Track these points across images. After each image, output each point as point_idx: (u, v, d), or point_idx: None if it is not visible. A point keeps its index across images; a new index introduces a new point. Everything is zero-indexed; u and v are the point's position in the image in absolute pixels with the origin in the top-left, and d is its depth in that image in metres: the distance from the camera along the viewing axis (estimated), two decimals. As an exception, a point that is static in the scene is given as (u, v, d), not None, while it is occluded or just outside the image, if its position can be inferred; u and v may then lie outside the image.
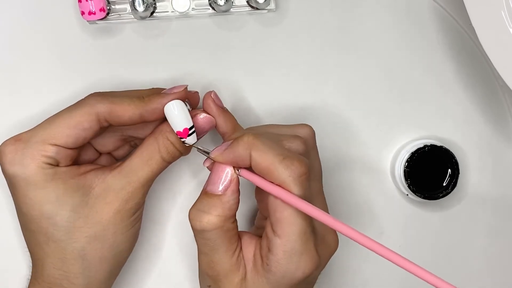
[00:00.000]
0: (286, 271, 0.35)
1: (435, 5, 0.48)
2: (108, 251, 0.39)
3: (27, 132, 0.38)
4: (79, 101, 0.39)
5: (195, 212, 0.37)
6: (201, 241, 0.37)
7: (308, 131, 0.40)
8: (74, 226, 0.38)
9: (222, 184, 0.37)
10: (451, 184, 0.46)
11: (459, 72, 0.48)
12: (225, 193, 0.37)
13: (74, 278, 0.38)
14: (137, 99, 0.38)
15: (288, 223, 0.35)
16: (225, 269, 0.37)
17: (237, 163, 0.36)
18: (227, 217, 0.37)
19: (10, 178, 0.38)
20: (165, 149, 0.39)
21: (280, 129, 0.40)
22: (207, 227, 0.36)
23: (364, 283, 0.49)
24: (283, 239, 0.35)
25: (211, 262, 0.37)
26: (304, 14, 0.47)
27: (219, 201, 0.37)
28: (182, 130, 0.38)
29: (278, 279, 0.36)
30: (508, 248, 0.50)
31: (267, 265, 0.36)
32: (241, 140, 0.36)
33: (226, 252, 0.37)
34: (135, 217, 0.39)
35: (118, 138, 0.42)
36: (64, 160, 0.38)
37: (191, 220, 0.37)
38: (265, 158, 0.35)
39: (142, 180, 0.39)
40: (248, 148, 0.35)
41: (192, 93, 0.43)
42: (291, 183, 0.34)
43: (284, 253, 0.35)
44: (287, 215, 0.35)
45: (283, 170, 0.34)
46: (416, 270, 0.32)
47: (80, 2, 0.42)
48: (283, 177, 0.34)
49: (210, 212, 0.36)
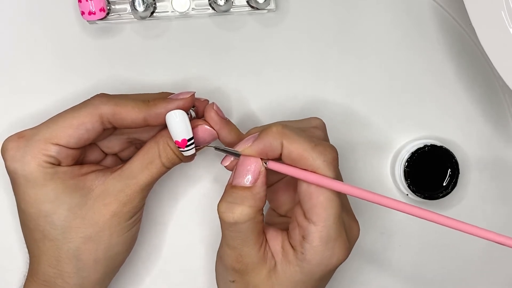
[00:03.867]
0: (322, 258, 0.36)
1: (435, 5, 0.48)
2: (103, 253, 0.39)
3: (31, 130, 0.38)
4: (84, 102, 0.39)
5: (226, 205, 0.37)
6: (232, 234, 0.37)
7: (321, 123, 0.41)
8: (70, 226, 0.38)
9: (252, 176, 0.37)
10: (451, 184, 0.46)
11: (459, 72, 0.48)
12: (255, 184, 0.37)
13: (68, 277, 0.38)
14: (142, 102, 0.38)
15: (324, 208, 0.35)
16: (254, 262, 0.37)
17: (267, 154, 0.37)
18: (259, 208, 0.37)
19: (11, 175, 0.38)
20: (165, 155, 0.39)
21: (297, 123, 0.41)
22: (241, 218, 0.36)
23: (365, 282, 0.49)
24: (319, 225, 0.35)
25: (240, 255, 0.37)
26: (304, 14, 0.47)
27: (250, 192, 0.36)
28: (180, 140, 0.38)
29: (313, 267, 0.36)
30: (508, 248, 0.50)
31: (302, 254, 0.36)
32: (270, 130, 0.36)
33: (255, 244, 0.37)
34: (132, 220, 0.39)
35: (124, 140, 0.42)
36: (66, 159, 0.38)
37: (223, 213, 0.36)
38: (297, 146, 0.35)
39: (141, 184, 0.39)
40: (279, 138, 0.36)
41: (201, 100, 0.42)
42: (326, 168, 0.35)
43: (320, 239, 0.35)
44: (323, 199, 0.35)
45: (317, 155, 0.35)
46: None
47: (80, 2, 0.42)
48: (318, 163, 0.35)
49: (243, 203, 0.36)
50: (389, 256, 0.49)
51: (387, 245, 0.49)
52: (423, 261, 0.49)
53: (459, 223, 0.34)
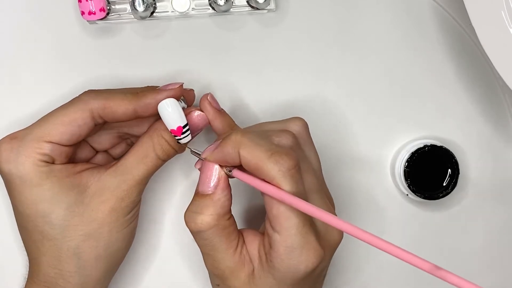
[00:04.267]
0: (289, 266, 0.35)
1: (435, 5, 0.48)
2: (104, 250, 0.39)
3: (23, 130, 0.38)
4: (73, 99, 0.39)
5: (189, 214, 0.37)
6: (201, 242, 0.38)
7: (300, 124, 0.40)
8: (69, 225, 0.38)
9: (212, 182, 0.37)
10: (451, 184, 0.46)
11: (459, 72, 0.48)
12: (215, 191, 0.37)
13: (69, 276, 0.38)
14: (131, 94, 0.38)
15: (285, 218, 0.35)
16: (230, 267, 0.37)
17: (227, 162, 0.36)
18: (220, 215, 0.37)
19: (6, 176, 0.38)
20: (160, 147, 0.39)
21: (271, 126, 0.40)
22: (202, 227, 0.36)
23: (365, 282, 0.49)
24: (282, 234, 0.35)
25: (214, 261, 0.37)
26: (304, 14, 0.47)
27: (211, 200, 0.37)
28: (176, 128, 0.38)
29: (283, 275, 0.36)
30: (508, 248, 0.50)
31: (270, 262, 0.36)
32: (228, 139, 0.36)
33: (227, 249, 0.37)
34: (130, 215, 0.39)
35: (114, 136, 0.42)
36: (59, 157, 0.38)
37: (187, 222, 0.37)
38: (253, 155, 0.35)
39: (137, 178, 0.39)
40: (236, 147, 0.35)
41: (188, 90, 0.43)
42: (281, 178, 0.34)
43: (284, 248, 0.35)
44: (283, 210, 0.35)
45: (272, 165, 0.34)
46: (413, 260, 0.32)
47: (80, 2, 0.42)
48: (273, 173, 0.34)
49: (203, 212, 0.36)
50: (389, 256, 0.49)
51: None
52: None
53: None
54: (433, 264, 0.31)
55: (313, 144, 0.41)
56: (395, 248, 0.32)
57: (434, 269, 0.31)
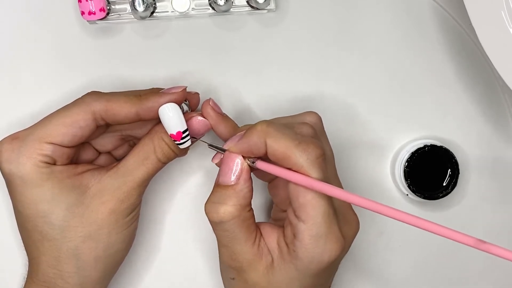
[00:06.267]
0: (314, 255, 0.35)
1: (435, 5, 0.48)
2: (103, 251, 0.39)
3: (25, 131, 0.38)
4: (75, 100, 0.39)
5: (211, 205, 0.37)
6: (220, 233, 0.37)
7: (315, 117, 0.41)
8: (69, 225, 0.38)
9: (234, 174, 0.37)
10: (451, 184, 0.46)
11: (459, 72, 0.48)
12: (238, 182, 0.37)
13: (68, 277, 0.38)
14: (134, 97, 0.38)
15: (312, 207, 0.35)
16: (248, 259, 0.37)
17: (252, 152, 0.37)
18: (243, 206, 0.37)
19: (7, 176, 0.38)
20: (160, 150, 0.39)
21: (287, 119, 0.40)
22: (225, 217, 0.36)
23: (373, 275, 0.49)
24: (308, 223, 0.35)
25: (233, 253, 0.37)
26: (304, 14, 0.47)
27: (233, 190, 0.37)
28: (175, 133, 0.38)
29: (306, 265, 0.36)
30: (508, 248, 0.50)
31: (293, 252, 0.36)
32: (254, 129, 0.36)
33: (246, 241, 0.37)
34: (130, 217, 0.39)
35: (117, 138, 0.42)
36: (61, 158, 0.38)
37: (208, 213, 0.37)
38: (281, 144, 0.35)
39: (138, 180, 0.39)
40: (262, 136, 0.36)
41: (192, 94, 0.43)
42: (310, 166, 0.35)
43: (310, 237, 0.35)
44: (310, 198, 0.35)
45: (300, 153, 0.35)
46: (456, 236, 0.33)
47: (80, 2, 0.42)
48: (301, 161, 0.35)
49: (226, 202, 0.36)
50: (389, 256, 0.49)
51: (387, 245, 0.49)
52: (423, 261, 0.49)
53: (451, 231, 0.33)
54: (477, 239, 0.32)
55: (327, 136, 0.42)
56: (435, 226, 0.33)
57: (479, 243, 0.32)
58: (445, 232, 0.32)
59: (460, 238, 0.32)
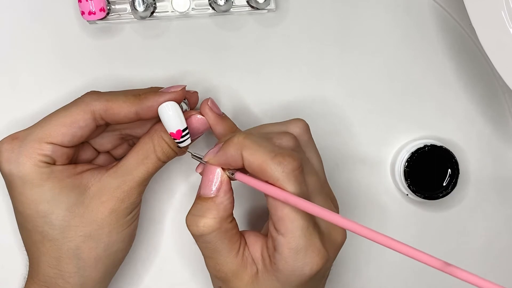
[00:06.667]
0: (294, 268, 0.35)
1: (435, 5, 0.48)
2: (103, 251, 0.39)
3: (24, 131, 0.38)
4: (75, 100, 0.39)
5: (191, 217, 0.37)
6: (203, 245, 0.37)
7: (300, 125, 0.40)
8: (69, 225, 0.38)
9: (214, 185, 0.37)
10: (451, 184, 0.46)
11: (459, 72, 0.48)
12: (217, 194, 0.37)
13: (69, 277, 0.38)
14: (133, 96, 0.38)
15: (290, 220, 0.35)
16: (232, 270, 0.37)
17: (230, 164, 0.36)
18: (223, 218, 0.37)
19: (6, 177, 0.38)
20: (160, 149, 0.39)
21: (272, 128, 0.40)
22: (205, 230, 0.36)
23: (368, 282, 0.49)
24: (287, 236, 0.35)
25: (217, 264, 0.37)
26: (304, 14, 0.47)
27: (213, 203, 0.37)
28: (175, 131, 0.38)
29: (288, 277, 0.36)
30: (508, 248, 0.50)
31: (274, 264, 0.36)
32: (231, 141, 0.36)
33: (229, 252, 0.37)
34: (130, 216, 0.39)
35: (117, 137, 0.42)
36: (61, 158, 0.38)
37: (189, 226, 0.37)
38: (257, 156, 0.35)
39: (138, 179, 0.39)
40: (239, 149, 0.35)
41: (191, 93, 0.43)
42: (285, 179, 0.34)
43: (289, 250, 0.35)
44: (287, 212, 0.34)
45: (275, 166, 0.34)
46: (420, 256, 0.32)
47: (80, 2, 0.42)
48: (277, 174, 0.34)
49: (206, 215, 0.36)
50: (389, 256, 0.49)
51: (382, 250, 0.49)
52: (421, 265, 0.49)
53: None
54: (443, 261, 0.31)
55: (315, 145, 0.41)
56: (403, 246, 0.32)
57: (445, 266, 0.31)
58: (412, 253, 0.31)
59: (426, 260, 0.31)
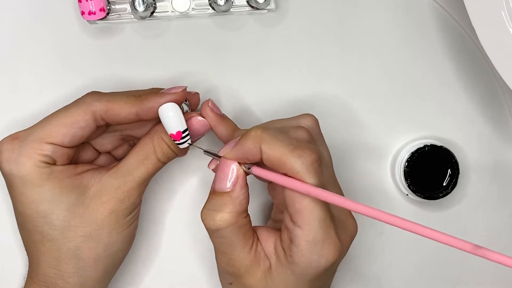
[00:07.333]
0: (311, 261, 0.35)
1: (435, 5, 0.48)
2: (103, 251, 0.39)
3: (25, 131, 0.38)
4: (76, 100, 0.39)
5: (207, 212, 0.37)
6: (217, 240, 0.37)
7: (312, 120, 0.41)
8: (69, 225, 0.38)
9: (230, 180, 0.37)
10: (451, 184, 0.46)
11: (459, 72, 0.48)
12: (234, 189, 0.37)
13: (68, 277, 0.38)
14: (134, 97, 0.38)
15: (308, 212, 0.35)
16: (245, 265, 0.37)
17: (248, 158, 0.36)
18: (239, 213, 0.37)
19: (7, 177, 0.38)
20: (160, 150, 0.39)
21: (283, 122, 0.40)
22: (221, 225, 0.36)
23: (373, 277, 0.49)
24: (305, 229, 0.35)
25: (230, 260, 0.37)
26: (304, 14, 0.47)
27: (229, 197, 0.36)
28: (175, 133, 0.38)
29: (303, 270, 0.36)
30: (508, 248, 0.50)
31: (290, 257, 0.36)
32: (249, 135, 0.36)
33: (243, 247, 0.37)
34: (130, 217, 0.39)
35: (117, 138, 0.42)
36: (61, 158, 0.38)
37: (204, 220, 0.37)
38: (275, 150, 0.35)
39: (138, 180, 0.39)
40: (257, 142, 0.35)
41: (192, 94, 0.43)
42: (305, 171, 0.34)
43: (306, 243, 0.35)
44: (306, 204, 0.35)
45: (295, 159, 0.34)
46: (450, 240, 0.32)
47: (80, 2, 0.42)
48: (296, 167, 0.34)
49: (222, 209, 0.36)
50: (389, 256, 0.49)
51: (387, 245, 0.49)
52: (423, 261, 0.49)
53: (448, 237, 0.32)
54: (473, 244, 0.31)
55: (324, 139, 0.41)
56: (433, 232, 0.32)
57: (475, 249, 0.32)
58: (442, 238, 0.32)
59: (457, 243, 0.31)
